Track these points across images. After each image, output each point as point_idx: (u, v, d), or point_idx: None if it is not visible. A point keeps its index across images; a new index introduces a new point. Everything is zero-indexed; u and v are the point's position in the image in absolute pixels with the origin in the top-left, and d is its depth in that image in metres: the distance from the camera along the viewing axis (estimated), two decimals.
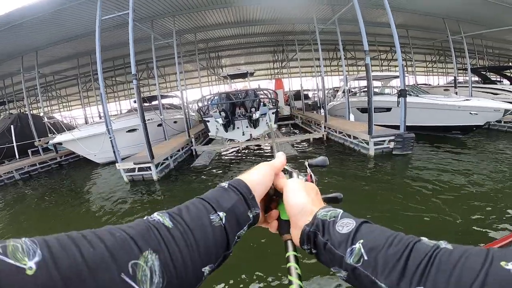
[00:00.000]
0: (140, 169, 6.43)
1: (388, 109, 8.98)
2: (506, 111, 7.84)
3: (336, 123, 9.21)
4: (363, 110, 9.93)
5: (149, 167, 6.37)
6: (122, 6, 7.29)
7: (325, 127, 9.20)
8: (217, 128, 7.89)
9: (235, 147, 8.74)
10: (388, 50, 18.41)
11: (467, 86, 13.44)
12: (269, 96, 8.53)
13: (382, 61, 19.45)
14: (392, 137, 6.63)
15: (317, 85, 13.51)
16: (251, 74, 10.77)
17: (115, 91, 19.09)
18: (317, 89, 14.11)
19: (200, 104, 8.69)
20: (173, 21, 9.26)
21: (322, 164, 0.66)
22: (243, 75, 10.77)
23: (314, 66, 14.63)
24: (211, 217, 0.38)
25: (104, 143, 7.53)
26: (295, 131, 12.33)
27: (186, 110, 10.41)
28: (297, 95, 16.43)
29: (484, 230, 3.07)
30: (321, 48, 9.54)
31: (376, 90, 10.56)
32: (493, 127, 9.70)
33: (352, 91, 10.93)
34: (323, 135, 9.02)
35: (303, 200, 0.47)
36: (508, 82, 14.56)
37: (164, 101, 10.90)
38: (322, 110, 12.61)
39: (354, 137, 7.49)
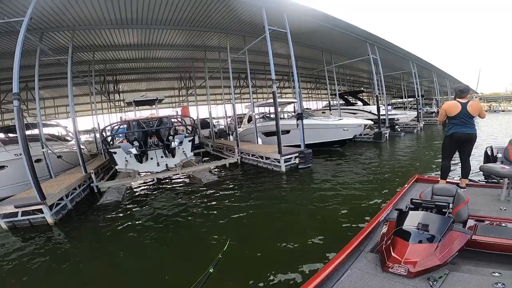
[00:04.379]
0: (24, 213, 5.09)
1: (287, 131, 10.27)
2: (365, 125, 10.85)
3: (248, 147, 9.97)
4: (267, 134, 11.22)
5: (40, 210, 5.12)
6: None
7: (238, 151, 9.78)
8: (126, 160, 7.10)
9: (149, 180, 8.06)
10: (281, 78, 21.53)
11: (337, 109, 17.46)
12: (185, 124, 8.37)
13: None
14: (297, 154, 7.87)
15: (225, 112, 14.23)
16: (160, 101, 10.26)
17: None
18: (225, 116, 14.81)
19: (104, 134, 7.61)
20: (71, 36, 8.00)
21: None
22: (150, 102, 10.13)
23: (222, 94, 15.34)
24: None
25: None
26: (207, 158, 12.42)
27: (79, 142, 8.83)
28: (203, 123, 16.67)
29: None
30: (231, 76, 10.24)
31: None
32: (357, 139, 13.01)
33: (257, 117, 12.16)
34: (237, 159, 9.56)
35: None
36: (361, 104, 19.98)
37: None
38: (231, 137, 13.38)
39: (267, 158, 8.36)
